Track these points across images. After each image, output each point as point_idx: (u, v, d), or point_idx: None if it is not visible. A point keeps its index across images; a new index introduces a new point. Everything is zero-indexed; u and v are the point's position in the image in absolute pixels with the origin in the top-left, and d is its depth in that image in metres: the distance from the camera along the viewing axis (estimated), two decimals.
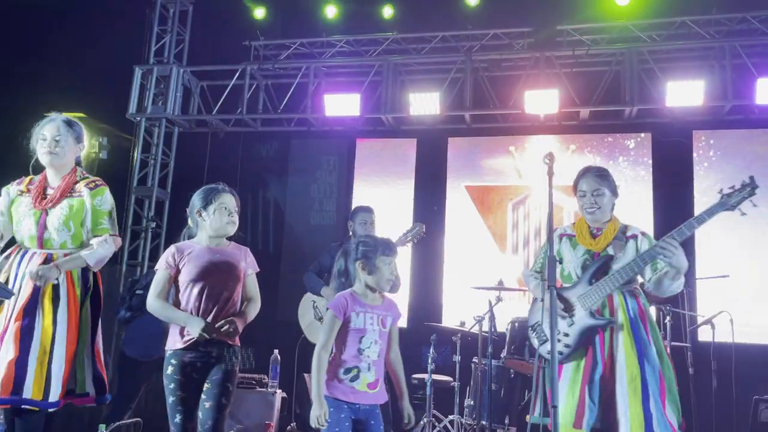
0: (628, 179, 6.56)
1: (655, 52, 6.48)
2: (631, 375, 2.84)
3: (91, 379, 2.97)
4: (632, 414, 2.78)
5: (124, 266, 7.06)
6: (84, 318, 2.97)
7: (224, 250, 2.88)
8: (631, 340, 2.91)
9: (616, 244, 3.04)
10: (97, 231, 3.05)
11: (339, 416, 2.48)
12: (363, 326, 2.56)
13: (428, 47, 7.11)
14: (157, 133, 7.44)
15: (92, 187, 3.07)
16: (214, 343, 2.74)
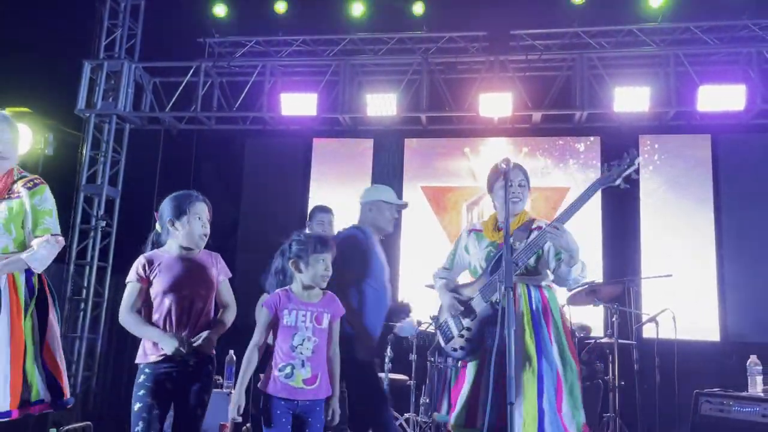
0: (579, 181, 6.75)
1: (604, 59, 6.69)
2: (528, 366, 2.80)
3: (44, 385, 2.82)
4: (526, 408, 2.73)
5: (72, 266, 6.87)
6: (28, 324, 2.82)
7: (195, 258, 2.79)
8: (530, 331, 2.87)
9: (517, 235, 2.99)
10: (38, 231, 2.90)
11: (276, 413, 2.54)
12: (294, 323, 2.59)
13: (385, 48, 7.16)
14: (107, 130, 7.25)
15: (30, 186, 2.91)
16: (192, 354, 2.65)
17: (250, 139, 7.54)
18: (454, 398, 2.93)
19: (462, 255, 3.23)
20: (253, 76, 7.10)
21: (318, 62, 7.18)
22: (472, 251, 3.13)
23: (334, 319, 2.68)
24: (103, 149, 7.22)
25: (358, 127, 7.24)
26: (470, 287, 3.07)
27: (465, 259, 3.20)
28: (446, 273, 3.28)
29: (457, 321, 3.04)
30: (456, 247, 3.28)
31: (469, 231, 3.22)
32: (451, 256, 3.28)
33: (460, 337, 3.00)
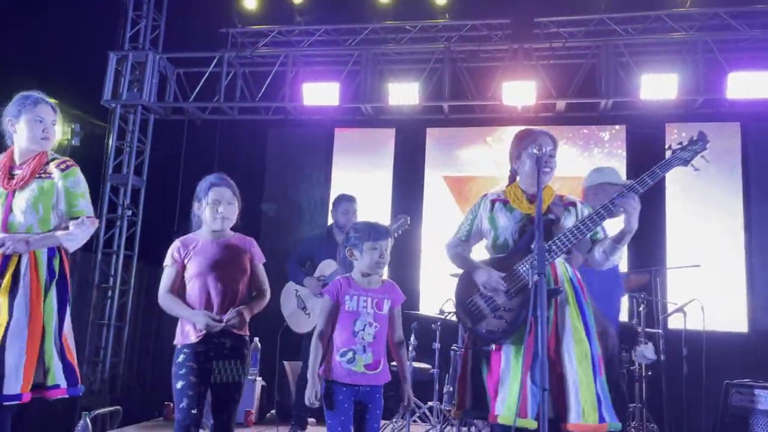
0: None
1: (630, 46, 6.59)
2: (581, 352, 2.57)
3: (61, 370, 2.80)
4: (584, 396, 2.51)
5: (99, 255, 6.98)
6: (48, 307, 2.81)
7: (228, 242, 2.83)
8: (577, 313, 2.65)
9: (556, 209, 2.77)
10: (73, 213, 2.91)
11: (338, 398, 2.57)
12: (356, 309, 2.63)
13: (407, 37, 7.13)
14: (132, 120, 7.33)
15: (63, 168, 2.92)
16: (227, 334, 2.72)
17: (272, 129, 7.57)
18: (492, 388, 2.62)
19: (482, 226, 2.89)
20: (276, 66, 7.12)
21: (340, 52, 7.17)
22: (502, 223, 2.79)
23: (395, 306, 2.71)
24: (128, 139, 7.31)
25: (380, 116, 7.22)
26: (503, 263, 2.74)
27: (485, 231, 2.87)
28: (464, 245, 2.94)
29: (488, 299, 2.71)
30: (474, 216, 2.92)
31: (493, 201, 2.88)
32: (467, 226, 2.93)
33: (497, 318, 2.67)
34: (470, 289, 2.78)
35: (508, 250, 2.76)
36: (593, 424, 2.48)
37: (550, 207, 2.77)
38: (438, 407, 4.67)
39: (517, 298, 2.63)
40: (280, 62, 7.12)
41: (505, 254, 2.76)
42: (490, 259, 2.81)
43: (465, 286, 2.82)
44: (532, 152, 2.63)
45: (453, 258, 2.93)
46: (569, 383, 2.51)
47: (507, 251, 2.76)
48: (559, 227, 2.72)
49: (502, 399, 2.54)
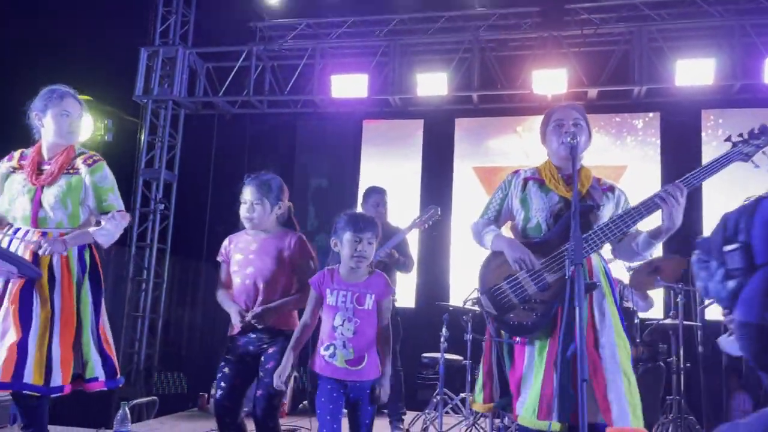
0: (636, 159, 6.56)
1: (664, 31, 6.45)
2: (623, 344, 2.40)
3: (99, 363, 2.82)
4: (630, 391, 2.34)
5: (133, 248, 7.09)
6: (83, 299, 2.84)
7: (269, 237, 2.86)
8: (614, 307, 2.46)
9: (596, 194, 2.56)
10: (103, 208, 2.92)
11: (326, 387, 2.52)
12: (335, 304, 2.55)
13: (435, 27, 7.07)
14: (163, 115, 7.42)
15: (90, 163, 2.91)
16: (266, 330, 2.75)
17: (301, 121, 7.60)
18: (514, 385, 2.47)
19: (512, 206, 2.70)
20: (304, 59, 7.13)
21: (368, 43, 7.15)
22: (536, 205, 2.58)
23: (380, 299, 2.58)
24: (159, 134, 7.40)
25: (408, 107, 7.19)
26: (535, 248, 2.53)
27: (515, 211, 2.69)
28: (493, 225, 2.73)
29: (518, 288, 2.52)
30: (504, 195, 2.72)
31: (526, 179, 2.67)
32: (496, 205, 2.73)
33: (527, 310, 2.48)
34: (498, 274, 2.58)
35: (541, 235, 2.56)
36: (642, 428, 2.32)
37: (590, 192, 2.56)
38: (470, 398, 4.65)
39: (550, 290, 2.44)
40: (308, 55, 7.12)
41: (538, 239, 2.56)
42: (526, 241, 2.59)
43: (492, 269, 2.62)
44: (565, 141, 2.45)
45: (481, 237, 2.72)
46: (613, 382, 2.33)
47: (539, 235, 2.56)
48: (597, 216, 2.52)
49: (523, 399, 2.40)
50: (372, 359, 2.54)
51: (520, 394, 2.43)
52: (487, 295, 2.58)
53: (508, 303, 2.52)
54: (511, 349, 2.52)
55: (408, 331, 4.71)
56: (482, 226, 2.73)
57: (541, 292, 2.47)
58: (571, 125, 2.58)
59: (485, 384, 2.61)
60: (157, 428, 4.44)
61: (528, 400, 2.36)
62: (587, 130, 2.63)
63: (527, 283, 2.50)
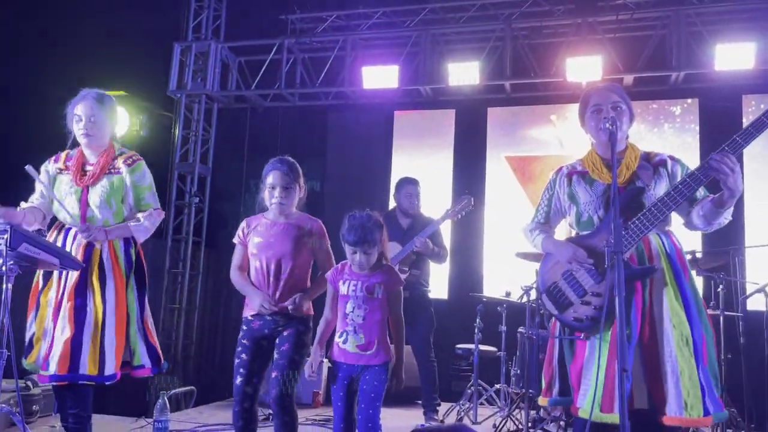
0: (674, 146, 6.41)
1: (702, 14, 6.28)
2: (680, 336, 2.30)
3: (145, 352, 3.01)
4: (686, 385, 2.25)
5: (169, 241, 7.21)
6: (130, 294, 3.00)
7: (290, 222, 2.89)
8: (675, 292, 2.37)
9: (644, 174, 2.47)
10: (141, 206, 3.06)
11: (338, 375, 2.69)
12: (347, 293, 2.69)
13: (467, 16, 7.00)
14: (197, 110, 7.51)
15: (130, 163, 3.05)
16: (283, 314, 2.80)
17: (332, 113, 7.61)
18: (575, 378, 2.43)
19: (562, 204, 2.66)
20: (335, 51, 7.13)
21: (398, 33, 7.11)
22: (584, 198, 2.54)
23: (389, 290, 2.71)
24: (193, 128, 7.49)
25: (440, 98, 7.15)
26: (588, 242, 2.47)
27: (566, 209, 2.65)
28: (544, 227, 2.71)
29: (575, 284, 2.49)
30: (551, 195, 2.69)
31: (570, 174, 2.62)
32: (544, 207, 2.72)
33: (585, 305, 2.44)
34: (554, 273, 2.57)
35: (593, 228, 2.52)
36: (696, 417, 2.26)
37: (637, 173, 2.48)
38: (505, 390, 4.63)
39: (606, 282, 2.37)
40: (339, 47, 7.12)
41: (591, 232, 2.51)
42: (576, 237, 2.58)
43: (548, 269, 2.61)
44: (604, 127, 2.39)
45: (533, 242, 2.72)
46: (667, 372, 2.28)
47: (591, 229, 2.52)
48: (648, 196, 2.43)
49: (584, 390, 2.36)
50: (381, 345, 2.68)
51: (580, 386, 2.40)
52: (546, 294, 2.58)
53: (566, 300, 2.51)
54: (572, 343, 2.51)
55: (441, 323, 4.70)
56: (531, 230, 2.73)
57: (597, 285, 2.44)
58: (610, 109, 2.51)
59: (544, 377, 2.64)
60: (195, 417, 4.51)
61: (590, 392, 2.31)
62: (628, 110, 2.55)
63: (583, 277, 2.48)
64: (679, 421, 2.26)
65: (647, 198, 2.43)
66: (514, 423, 4.13)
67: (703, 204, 2.44)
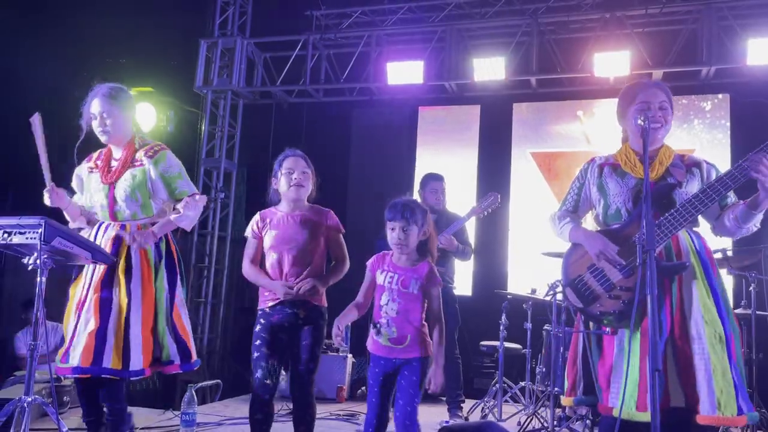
0: (704, 143, 6.31)
1: (734, 8, 6.15)
2: (713, 333, 2.26)
3: (174, 348, 2.98)
4: (719, 384, 2.20)
5: (195, 236, 7.28)
6: (160, 286, 2.97)
7: (303, 215, 2.90)
8: (706, 289, 2.33)
9: (677, 171, 2.44)
10: (176, 196, 3.02)
11: (374, 369, 2.65)
12: (383, 284, 2.66)
13: (492, 11, 6.95)
14: (223, 106, 7.57)
15: (151, 154, 3.01)
16: (301, 304, 2.80)
17: (357, 109, 7.61)
18: (603, 376, 2.38)
19: (591, 194, 2.63)
20: (360, 47, 7.13)
21: (424, 29, 7.09)
22: (613, 190, 2.51)
23: (427, 287, 2.66)
24: (219, 124, 7.55)
25: (465, 93, 7.11)
26: (617, 235, 2.45)
27: (595, 200, 2.62)
28: (573, 216, 2.66)
29: (601, 277, 2.45)
30: (581, 184, 2.66)
31: (602, 165, 2.60)
32: (574, 195, 2.68)
33: (613, 299, 2.39)
34: (580, 265, 2.52)
35: (621, 221, 2.48)
36: (731, 416, 2.21)
37: (669, 170, 2.46)
38: (530, 387, 4.60)
39: (635, 276, 2.33)
40: (363, 42, 7.12)
41: (619, 225, 2.47)
42: (605, 230, 2.53)
43: (574, 261, 2.56)
44: (638, 123, 2.36)
45: (560, 230, 2.65)
46: (700, 370, 2.24)
47: (619, 222, 2.49)
48: (680, 193, 2.41)
49: (616, 390, 2.31)
50: (414, 340, 2.62)
51: (610, 386, 2.35)
52: (570, 287, 2.53)
53: (592, 294, 2.46)
54: (599, 340, 2.46)
55: (466, 319, 4.69)
56: (560, 218, 2.67)
57: (626, 279, 2.39)
58: (657, 109, 2.47)
59: (568, 377, 2.58)
60: (222, 411, 4.56)
61: (625, 390, 2.25)
62: (671, 110, 2.52)
63: (611, 271, 2.43)
64: (712, 420, 2.21)
65: (678, 195, 2.41)
66: (540, 421, 4.11)
67: (734, 207, 2.42)
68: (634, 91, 2.54)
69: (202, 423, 3.94)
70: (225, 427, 4.05)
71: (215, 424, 4.10)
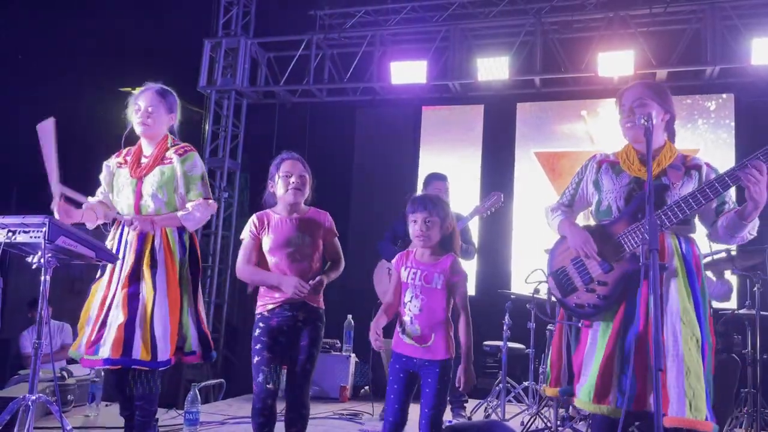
0: (709, 143, 6.29)
1: (738, 8, 6.14)
2: (689, 335, 2.25)
3: (197, 339, 3.05)
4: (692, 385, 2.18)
5: (199, 235, 7.26)
6: (185, 280, 3.04)
7: (302, 217, 2.90)
8: (688, 293, 2.32)
9: (673, 173, 2.43)
10: (191, 196, 3.08)
11: (395, 366, 2.61)
12: (406, 280, 2.64)
13: (496, 10, 6.94)
14: (226, 105, 7.58)
15: (181, 153, 3.09)
16: (300, 307, 2.80)
17: (360, 109, 7.62)
18: (577, 367, 2.42)
19: (587, 190, 2.66)
20: (363, 47, 7.14)
21: (427, 29, 7.09)
22: (607, 186, 2.54)
23: (452, 283, 2.60)
24: (223, 124, 7.56)
25: (468, 93, 7.11)
26: (605, 231, 2.48)
27: (590, 196, 2.66)
28: (567, 210, 2.71)
29: (582, 271, 2.49)
30: (579, 180, 2.70)
31: (600, 162, 2.62)
32: (571, 190, 2.72)
33: (589, 292, 2.43)
34: (565, 257, 2.57)
35: (611, 218, 2.51)
36: (700, 419, 2.18)
37: (666, 170, 2.46)
38: (533, 387, 4.59)
39: (614, 272, 2.38)
40: (367, 42, 7.13)
41: (609, 221, 2.51)
42: (591, 226, 2.58)
43: (560, 253, 2.62)
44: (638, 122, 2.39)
45: (551, 221, 2.71)
46: (671, 370, 2.21)
47: (609, 218, 2.51)
48: (672, 194, 2.41)
49: (582, 382, 2.36)
50: (439, 339, 2.57)
51: (580, 377, 2.40)
52: (552, 277, 2.61)
53: (570, 285, 2.52)
54: (578, 332, 2.50)
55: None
56: (553, 210, 2.74)
57: (605, 274, 2.43)
58: (634, 108, 2.49)
59: (552, 368, 2.62)
60: (225, 410, 4.57)
61: (586, 383, 2.32)
62: (657, 105, 2.50)
63: (592, 265, 2.49)
64: (680, 422, 2.18)
65: (670, 196, 2.42)
66: (543, 421, 4.10)
67: (728, 215, 2.40)
68: (620, 95, 2.60)
69: (205, 422, 3.94)
70: (228, 426, 4.06)
71: (218, 423, 4.10)
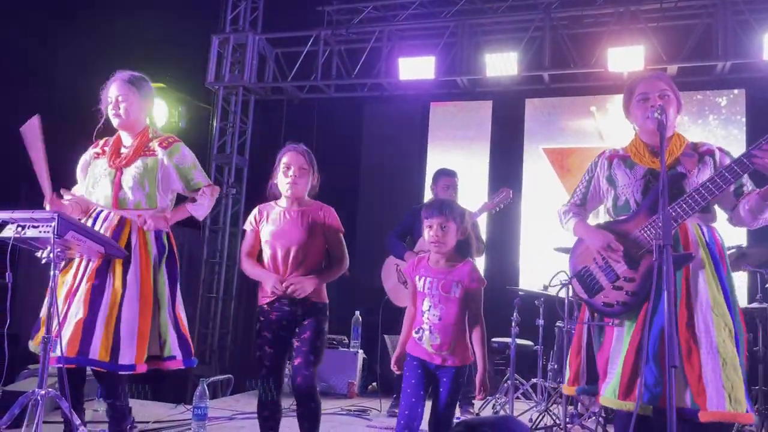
0: (720, 139, 6.23)
1: (750, 2, 6.07)
2: (723, 326, 2.20)
3: (176, 343, 2.92)
4: (730, 377, 2.12)
5: (206, 231, 7.31)
6: (161, 281, 2.93)
7: (302, 209, 2.85)
8: (716, 284, 2.28)
9: (687, 160, 2.40)
10: (192, 187, 3.01)
11: (412, 363, 2.58)
12: (422, 290, 2.59)
13: (505, 5, 6.90)
14: (234, 101, 7.58)
15: (166, 146, 2.99)
16: (299, 301, 2.76)
17: (368, 105, 7.60)
18: (602, 365, 2.38)
19: (601, 187, 2.63)
20: (371, 42, 7.11)
21: (435, 24, 7.05)
22: (622, 181, 2.49)
23: (469, 289, 2.56)
24: (231, 120, 7.56)
25: (477, 89, 7.08)
26: (623, 226, 2.43)
27: (604, 192, 2.62)
28: (580, 210, 2.68)
29: (606, 268, 2.45)
30: (591, 177, 2.66)
31: (611, 157, 2.59)
32: (582, 188, 2.69)
33: (616, 290, 2.39)
34: (586, 256, 2.53)
35: (629, 213, 2.46)
36: (742, 412, 2.13)
37: (680, 159, 2.42)
38: (542, 384, 4.57)
39: (640, 268, 2.33)
40: (375, 38, 7.10)
41: (626, 216, 2.45)
42: (608, 223, 2.53)
43: (580, 254, 2.58)
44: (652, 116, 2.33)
45: (566, 224, 2.67)
46: (707, 364, 2.15)
47: (628, 213, 2.46)
48: (690, 182, 2.37)
49: (608, 380, 2.32)
50: (458, 347, 2.54)
51: (607, 374, 2.35)
52: (576, 278, 2.56)
53: (596, 285, 2.47)
54: (602, 331, 2.46)
55: None
56: (564, 213, 2.70)
57: (630, 270, 2.38)
58: (657, 98, 2.45)
59: (570, 366, 2.58)
60: (233, 405, 4.58)
61: (612, 380, 2.28)
62: (675, 99, 2.49)
63: (616, 262, 2.43)
64: (721, 416, 2.12)
65: (687, 184, 2.37)
66: (552, 418, 4.08)
67: (750, 197, 2.36)
68: (633, 84, 2.55)
69: (213, 417, 3.95)
70: (236, 421, 4.06)
71: (227, 418, 4.11)
